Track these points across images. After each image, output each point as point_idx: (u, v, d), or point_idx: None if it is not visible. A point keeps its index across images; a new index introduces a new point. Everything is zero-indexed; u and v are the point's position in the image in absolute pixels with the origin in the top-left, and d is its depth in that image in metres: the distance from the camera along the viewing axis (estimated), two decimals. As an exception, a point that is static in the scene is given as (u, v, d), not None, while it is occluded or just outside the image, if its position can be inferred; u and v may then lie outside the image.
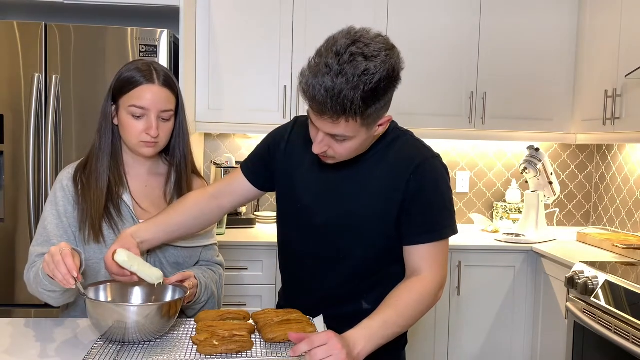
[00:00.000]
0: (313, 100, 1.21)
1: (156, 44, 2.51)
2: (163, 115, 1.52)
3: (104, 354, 1.25)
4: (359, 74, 1.18)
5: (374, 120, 1.28)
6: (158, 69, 1.53)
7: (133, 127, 1.51)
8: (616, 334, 2.05)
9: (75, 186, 1.55)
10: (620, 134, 2.75)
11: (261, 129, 3.06)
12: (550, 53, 3.14)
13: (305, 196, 1.48)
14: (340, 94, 1.18)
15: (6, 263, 2.49)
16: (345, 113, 1.20)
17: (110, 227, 1.53)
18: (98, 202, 1.52)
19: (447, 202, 1.42)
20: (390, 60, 1.22)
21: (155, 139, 1.52)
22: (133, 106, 1.49)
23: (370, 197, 1.41)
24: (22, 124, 2.47)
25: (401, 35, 3.05)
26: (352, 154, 1.36)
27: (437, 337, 2.91)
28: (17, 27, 2.45)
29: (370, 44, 1.21)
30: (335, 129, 1.25)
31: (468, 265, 2.88)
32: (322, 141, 1.30)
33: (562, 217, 3.54)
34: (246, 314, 1.46)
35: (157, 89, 1.50)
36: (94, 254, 1.53)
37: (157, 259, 1.56)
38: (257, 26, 2.97)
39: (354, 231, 1.43)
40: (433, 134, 3.08)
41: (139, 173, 1.62)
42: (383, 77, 1.20)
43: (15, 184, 2.49)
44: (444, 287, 1.42)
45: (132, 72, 1.51)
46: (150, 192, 1.63)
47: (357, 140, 1.30)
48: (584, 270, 2.36)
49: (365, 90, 1.18)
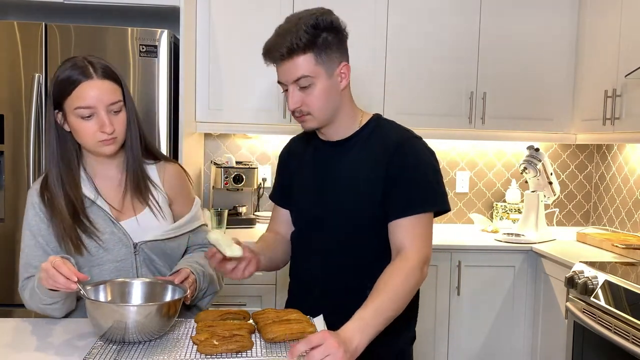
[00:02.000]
0: (269, 52, 1.43)
1: (156, 44, 2.51)
2: (112, 108, 1.45)
3: (104, 354, 1.25)
4: (298, 19, 1.42)
5: (328, 61, 1.42)
6: (94, 62, 1.45)
7: (85, 129, 1.44)
8: (616, 334, 2.05)
9: (43, 202, 1.50)
10: (620, 134, 2.75)
11: (261, 129, 3.06)
12: (550, 53, 3.14)
13: (303, 195, 1.57)
14: (287, 33, 1.39)
15: (6, 263, 2.50)
16: (294, 46, 1.38)
17: (88, 236, 1.48)
18: (64, 218, 1.46)
19: (430, 178, 1.46)
20: (325, 13, 1.43)
21: (111, 135, 1.45)
22: (79, 108, 1.42)
23: (357, 183, 1.47)
24: (22, 124, 2.47)
25: (401, 36, 3.05)
26: (325, 107, 1.45)
27: (437, 337, 2.91)
28: (17, 27, 2.46)
29: (308, 9, 1.45)
30: (295, 70, 1.40)
31: (468, 265, 2.88)
32: (292, 95, 1.43)
33: (562, 217, 3.54)
34: (246, 314, 1.46)
35: (99, 83, 1.43)
36: (83, 264, 1.49)
37: (145, 255, 1.54)
38: (257, 26, 2.97)
39: (348, 220, 1.49)
40: (433, 134, 3.08)
41: (107, 173, 1.56)
42: (319, 17, 1.40)
43: (15, 184, 2.49)
44: (428, 263, 1.44)
45: (68, 72, 1.43)
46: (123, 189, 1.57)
47: (320, 84, 1.42)
48: (583, 270, 2.37)
49: (306, 24, 1.39)
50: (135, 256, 1.53)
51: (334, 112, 1.48)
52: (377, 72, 3.05)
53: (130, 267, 1.53)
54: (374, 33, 3.04)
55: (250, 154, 3.38)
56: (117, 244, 1.51)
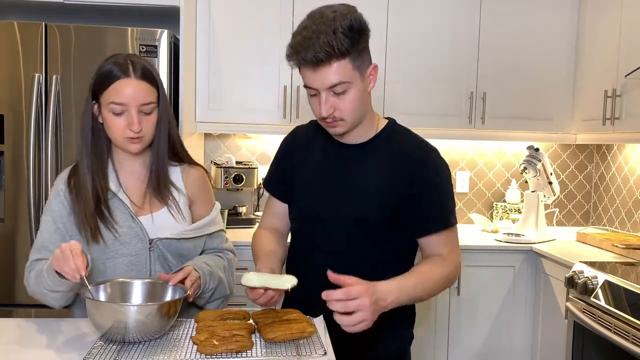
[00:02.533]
0: (305, 57, 1.32)
1: (156, 44, 2.51)
2: (144, 109, 1.49)
3: (104, 354, 1.25)
4: (331, 20, 1.32)
5: (362, 63, 1.39)
6: (135, 62, 1.50)
7: (115, 124, 1.48)
8: (616, 334, 2.05)
9: (70, 189, 1.55)
10: (620, 134, 2.75)
11: (261, 129, 3.06)
12: (550, 53, 3.14)
13: (308, 193, 1.55)
14: (325, 38, 1.31)
15: (6, 263, 2.49)
16: (335, 51, 1.31)
17: (106, 227, 1.52)
18: (88, 205, 1.50)
19: (450, 192, 1.53)
20: (353, 11, 1.37)
21: (138, 134, 1.49)
22: (112, 103, 1.47)
23: (371, 189, 1.47)
24: (22, 124, 2.47)
25: (401, 35, 3.05)
26: (358, 111, 1.42)
27: (437, 337, 2.91)
28: (17, 27, 2.46)
29: (332, 6, 1.38)
30: (332, 76, 1.34)
31: (468, 265, 2.88)
32: (326, 101, 1.37)
33: (561, 217, 3.54)
34: (246, 314, 1.46)
35: (135, 83, 1.47)
36: (97, 255, 1.52)
37: (159, 252, 1.55)
38: (257, 26, 2.97)
39: (358, 224, 1.48)
40: (433, 134, 3.08)
41: (133, 169, 1.60)
42: (353, 18, 1.34)
43: (15, 184, 2.49)
44: (460, 270, 1.58)
45: (109, 67, 1.48)
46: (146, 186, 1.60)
47: (355, 88, 1.38)
48: (583, 270, 2.37)
49: (343, 27, 1.32)
50: (149, 252, 1.55)
51: (364, 116, 1.47)
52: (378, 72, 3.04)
53: (144, 262, 1.55)
54: (374, 33, 3.00)
55: (250, 154, 3.38)
56: (134, 238, 1.53)
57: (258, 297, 1.37)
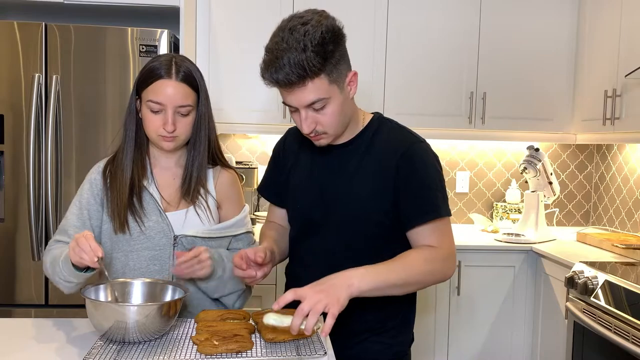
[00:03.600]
0: (277, 79, 1.30)
1: (156, 44, 2.51)
2: (181, 111, 1.53)
3: (104, 354, 1.25)
4: (302, 37, 1.27)
5: (339, 76, 1.34)
6: (179, 64, 1.53)
7: (151, 121, 1.53)
8: (616, 334, 2.05)
9: (104, 179, 1.59)
10: (620, 134, 2.75)
11: (261, 129, 3.06)
12: (550, 53, 3.14)
13: (301, 196, 1.55)
14: (296, 58, 1.26)
15: (6, 263, 2.49)
16: (307, 73, 1.27)
17: (134, 218, 1.55)
18: (122, 193, 1.55)
19: (438, 184, 1.46)
20: (324, 20, 1.31)
21: (171, 134, 1.53)
22: (150, 101, 1.51)
23: (362, 187, 1.45)
24: (22, 124, 2.47)
25: (401, 36, 3.05)
26: (340, 122, 1.40)
27: (437, 337, 2.91)
28: (17, 27, 2.46)
29: (302, 15, 1.33)
30: (309, 95, 1.31)
31: (468, 265, 2.88)
32: (306, 118, 1.36)
33: (561, 217, 3.54)
34: (246, 314, 1.47)
35: (174, 84, 1.51)
36: (121, 246, 1.56)
37: (182, 249, 1.56)
38: (257, 26, 2.97)
39: (351, 224, 1.47)
40: (433, 134, 3.08)
41: (167, 166, 1.64)
42: (324, 31, 1.29)
43: (15, 184, 2.49)
44: (455, 261, 1.44)
45: (154, 64, 1.53)
46: (178, 184, 1.63)
47: (334, 102, 1.35)
48: (583, 270, 2.37)
49: (314, 45, 1.27)
50: (173, 248, 1.56)
51: (348, 123, 1.46)
52: (378, 72, 3.05)
53: (167, 258, 1.56)
54: (374, 33, 3.04)
55: (250, 154, 3.38)
56: (159, 233, 1.56)
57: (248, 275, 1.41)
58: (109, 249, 1.57)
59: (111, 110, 2.51)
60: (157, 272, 1.56)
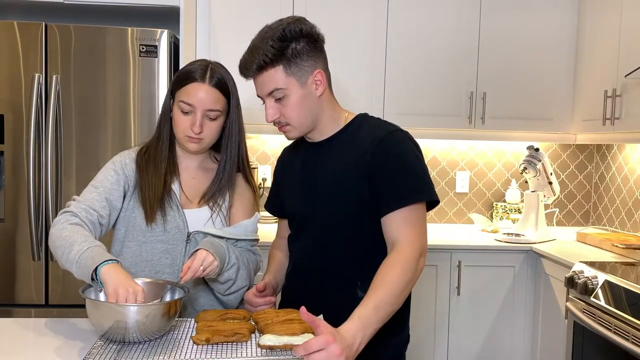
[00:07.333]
0: (241, 70, 1.45)
1: (156, 44, 2.51)
2: (209, 115, 1.58)
3: (104, 354, 1.25)
4: (266, 33, 1.43)
5: (299, 70, 1.42)
6: (214, 70, 1.60)
7: (181, 121, 1.58)
8: (616, 334, 2.05)
9: (138, 167, 1.63)
10: (620, 134, 2.75)
11: (261, 129, 3.06)
12: (550, 53, 3.14)
13: (291, 196, 1.60)
14: (256, 49, 1.41)
15: (6, 263, 2.50)
16: (265, 61, 1.40)
17: (161, 211, 1.60)
18: (157, 187, 1.60)
19: (416, 169, 1.43)
20: (295, 23, 1.42)
21: (198, 136, 1.57)
22: (182, 102, 1.57)
23: (342, 180, 1.47)
24: (22, 124, 2.47)
25: (401, 35, 3.05)
26: (303, 116, 1.46)
27: (437, 337, 2.91)
28: (17, 27, 2.46)
29: (282, 19, 1.45)
30: (266, 84, 1.43)
31: (468, 265, 2.88)
32: (268, 107, 1.46)
33: (561, 217, 3.54)
34: (246, 314, 1.47)
35: (206, 89, 1.57)
36: (136, 236, 1.60)
37: (195, 245, 1.56)
38: (257, 26, 2.94)
39: (335, 217, 1.48)
40: (433, 134, 3.08)
41: (189, 166, 1.69)
42: (286, 29, 1.40)
43: (15, 184, 2.49)
44: (425, 255, 1.40)
45: (190, 67, 1.60)
46: (197, 185, 1.67)
47: (294, 95, 1.43)
48: (583, 270, 2.37)
49: (274, 39, 1.40)
50: (186, 244, 1.60)
51: (315, 119, 1.49)
52: (377, 72, 3.05)
53: (179, 253, 1.60)
54: (374, 33, 3.04)
55: (250, 154, 3.38)
56: (174, 228, 1.60)
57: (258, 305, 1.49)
58: (122, 236, 1.61)
59: (111, 110, 2.51)
60: (168, 265, 1.59)
